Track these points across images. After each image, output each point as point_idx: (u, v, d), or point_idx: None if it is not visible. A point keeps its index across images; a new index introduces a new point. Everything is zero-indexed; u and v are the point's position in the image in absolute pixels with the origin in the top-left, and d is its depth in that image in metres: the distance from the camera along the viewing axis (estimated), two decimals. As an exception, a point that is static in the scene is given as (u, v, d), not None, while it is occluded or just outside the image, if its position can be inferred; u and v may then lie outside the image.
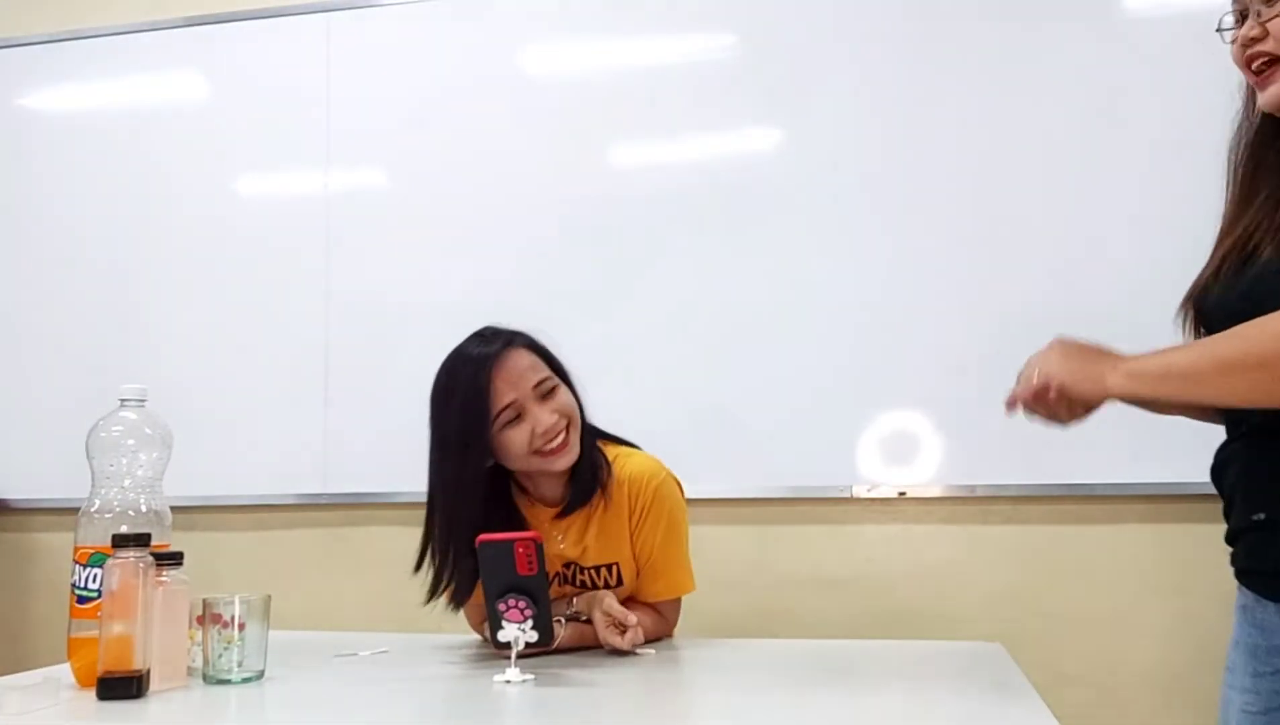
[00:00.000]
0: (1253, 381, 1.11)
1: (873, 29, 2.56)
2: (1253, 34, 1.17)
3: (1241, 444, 1.26)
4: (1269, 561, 1.20)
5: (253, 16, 2.93)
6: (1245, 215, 1.24)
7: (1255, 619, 1.24)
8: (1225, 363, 1.13)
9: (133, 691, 1.19)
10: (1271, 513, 1.19)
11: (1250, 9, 1.19)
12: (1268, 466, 1.20)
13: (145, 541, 1.24)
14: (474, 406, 1.59)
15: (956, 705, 1.19)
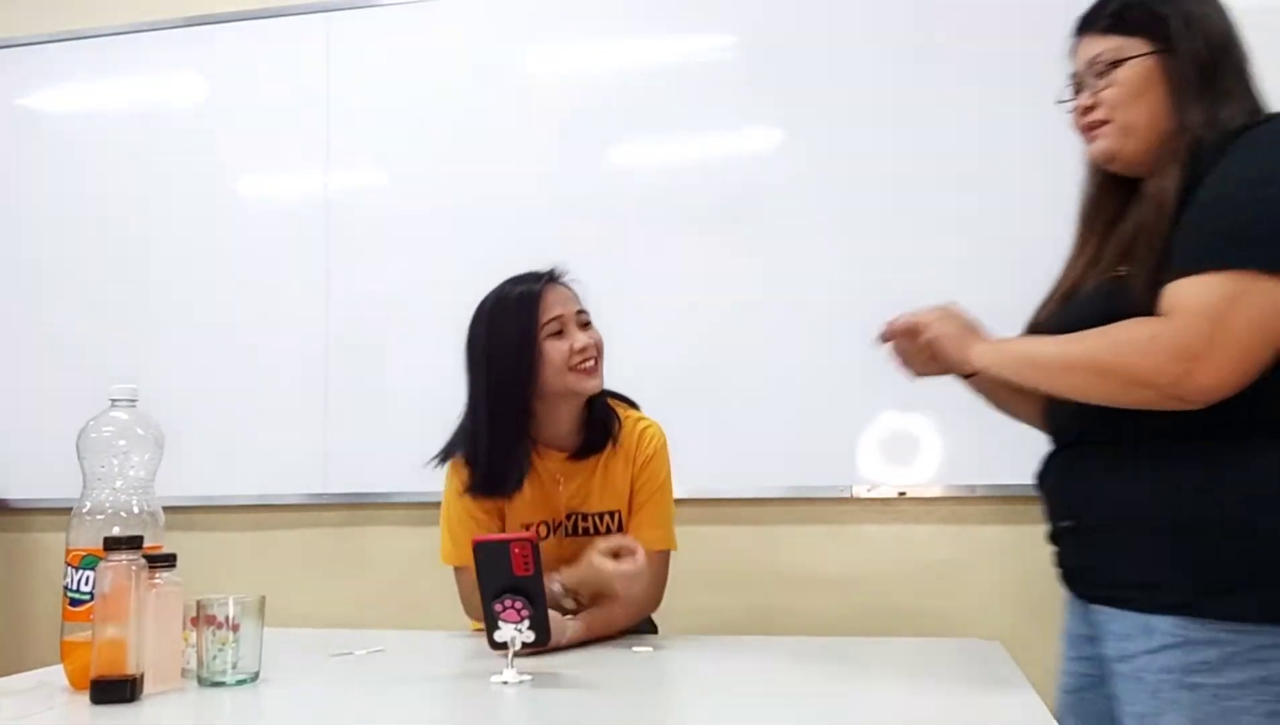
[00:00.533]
0: (1086, 380, 1.27)
1: (872, 29, 2.55)
2: (1087, 103, 1.40)
3: (1059, 455, 1.42)
4: (1074, 562, 1.39)
5: (253, 16, 2.93)
6: (1079, 256, 1.46)
7: (1073, 610, 1.44)
8: (1068, 361, 1.28)
9: (126, 695, 1.19)
10: (1077, 519, 1.35)
11: (1085, 83, 1.42)
12: (1076, 477, 1.36)
13: (137, 544, 1.23)
14: (526, 314, 1.75)
15: (956, 704, 1.19)
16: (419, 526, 2.67)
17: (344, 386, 2.76)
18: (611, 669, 1.44)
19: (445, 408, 2.58)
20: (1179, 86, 1.32)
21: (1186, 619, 1.21)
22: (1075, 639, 1.42)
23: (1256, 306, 1.17)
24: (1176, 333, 1.19)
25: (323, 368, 2.77)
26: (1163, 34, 1.34)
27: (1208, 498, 1.23)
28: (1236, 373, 1.18)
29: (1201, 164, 1.25)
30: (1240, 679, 1.18)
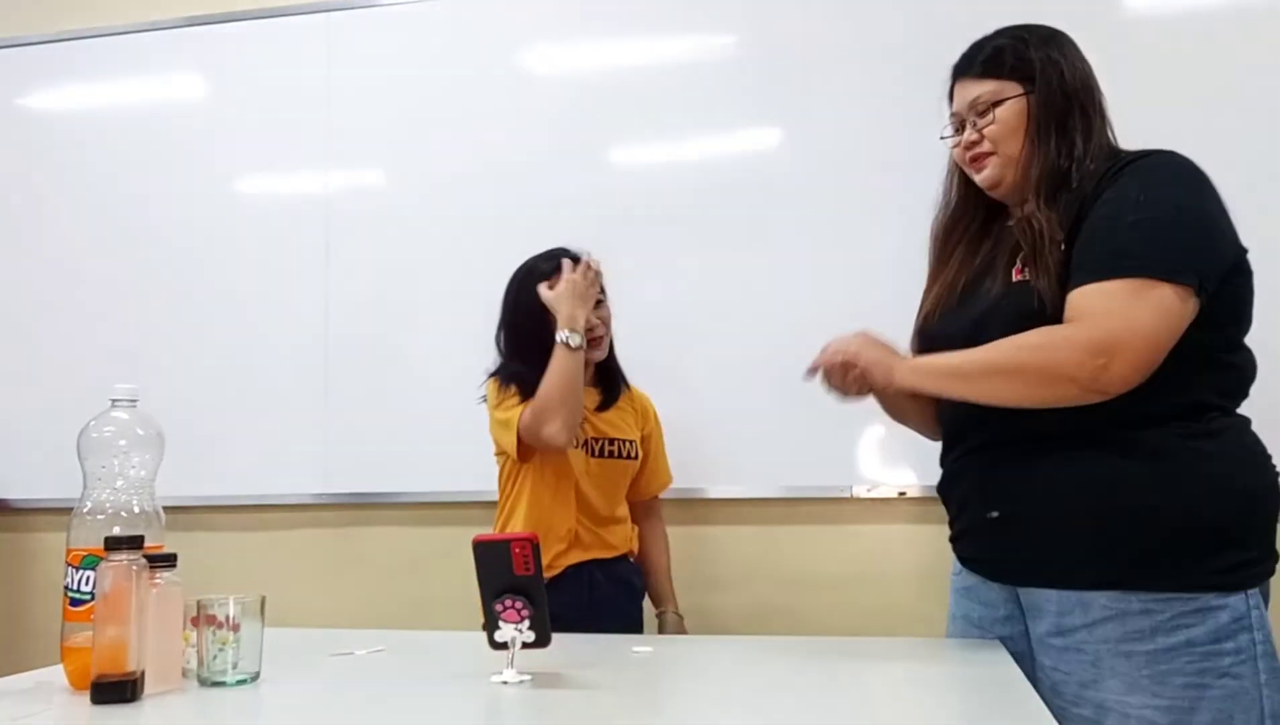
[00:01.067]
0: (1010, 384, 1.40)
1: (872, 29, 2.55)
2: (972, 139, 1.58)
3: (970, 457, 1.57)
4: (996, 550, 1.54)
5: (253, 16, 2.93)
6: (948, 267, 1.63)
7: (980, 597, 1.61)
8: (991, 367, 1.42)
9: (127, 695, 1.19)
10: (1003, 510, 1.49)
11: (967, 120, 1.60)
12: (999, 473, 1.50)
13: (138, 544, 1.23)
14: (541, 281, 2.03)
15: (956, 704, 1.19)
16: (419, 526, 2.68)
17: (344, 386, 2.76)
18: (611, 669, 1.44)
19: (446, 407, 2.59)
20: (1040, 122, 1.52)
21: (1119, 593, 1.37)
22: (987, 620, 1.59)
23: (1158, 307, 1.34)
24: (1091, 331, 1.34)
25: (323, 368, 2.77)
26: (1030, 77, 1.54)
27: (1128, 482, 1.39)
28: (1146, 363, 1.34)
29: (1078, 190, 1.45)
30: (1170, 644, 1.34)
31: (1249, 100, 2.35)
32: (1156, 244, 1.36)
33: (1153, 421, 1.39)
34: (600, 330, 2.08)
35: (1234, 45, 2.36)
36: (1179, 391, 1.39)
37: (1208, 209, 1.43)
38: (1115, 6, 2.45)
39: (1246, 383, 1.47)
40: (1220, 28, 2.38)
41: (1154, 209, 1.38)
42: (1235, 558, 1.36)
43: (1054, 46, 1.58)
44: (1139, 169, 1.44)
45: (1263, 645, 1.35)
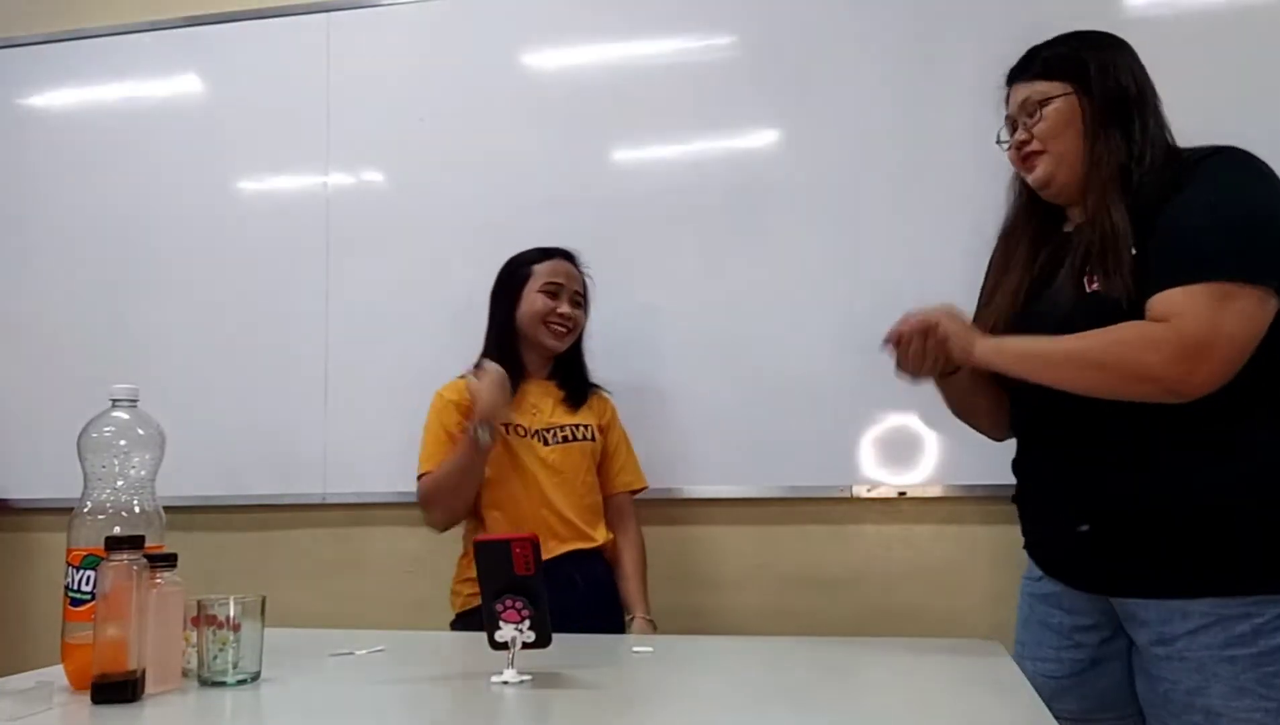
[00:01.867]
0: (1089, 374, 1.41)
1: (873, 29, 2.55)
2: (1022, 138, 1.59)
3: (1050, 462, 1.57)
4: (1088, 561, 1.50)
5: (253, 16, 2.93)
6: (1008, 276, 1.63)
7: (1065, 604, 1.57)
8: (1073, 355, 1.42)
9: (127, 695, 1.19)
10: (1093, 523, 1.47)
11: (1018, 121, 1.60)
12: (1082, 482, 1.49)
13: (139, 543, 1.23)
14: (526, 264, 2.20)
15: (956, 704, 1.19)
16: (419, 527, 2.68)
17: (344, 386, 2.76)
18: (611, 669, 1.44)
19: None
20: (1095, 120, 1.52)
21: (1219, 599, 1.36)
22: (1067, 629, 1.57)
23: (1242, 312, 1.34)
24: (1179, 335, 1.34)
25: (323, 368, 2.77)
26: (1082, 77, 1.55)
27: (1217, 486, 1.38)
28: (1229, 370, 1.35)
29: (1141, 193, 1.45)
30: (1273, 645, 1.34)
31: (1249, 100, 2.35)
32: (1236, 247, 1.36)
33: (1243, 421, 1.39)
34: (569, 322, 2.17)
35: (1234, 45, 2.36)
36: (1262, 388, 1.39)
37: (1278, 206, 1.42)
38: (1115, 6, 2.45)
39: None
40: (1220, 28, 2.38)
41: (1229, 210, 1.39)
42: None
43: (1109, 50, 1.59)
44: (1208, 169, 1.43)
45: None
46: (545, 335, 2.16)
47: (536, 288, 2.16)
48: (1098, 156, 1.51)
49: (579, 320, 2.21)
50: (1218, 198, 1.40)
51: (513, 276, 2.21)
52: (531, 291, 2.17)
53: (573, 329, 2.19)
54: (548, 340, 2.17)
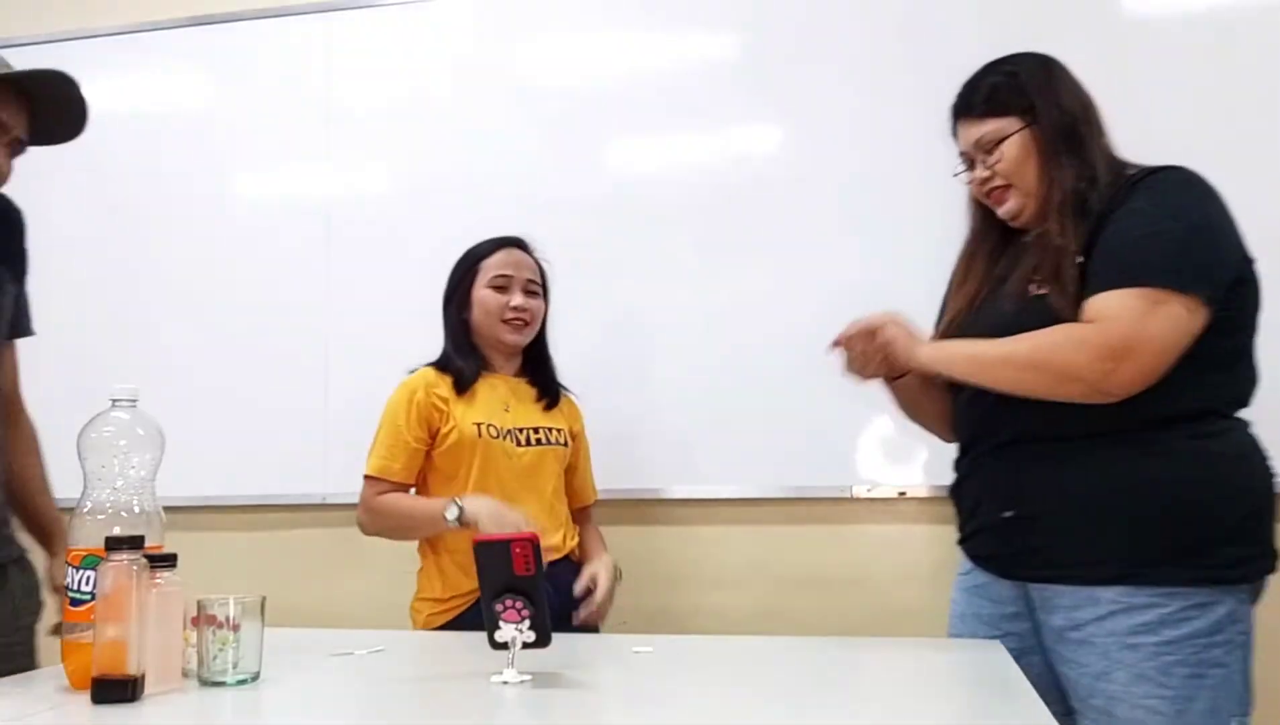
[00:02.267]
0: (1023, 375, 1.48)
1: (873, 29, 2.55)
2: (983, 175, 1.65)
3: (984, 459, 1.63)
4: (1011, 549, 1.58)
5: (253, 16, 2.93)
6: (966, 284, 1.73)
7: (990, 594, 1.65)
8: (1008, 357, 1.49)
9: (127, 695, 1.19)
10: (1018, 510, 1.55)
11: (975, 159, 1.67)
12: (1010, 475, 1.57)
13: (139, 544, 1.23)
14: (472, 262, 2.13)
15: (956, 704, 1.19)
16: (419, 526, 2.68)
17: (344, 386, 2.76)
18: (611, 669, 1.44)
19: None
20: (1049, 151, 1.58)
21: (1127, 588, 1.44)
22: (996, 619, 1.65)
23: (1169, 317, 1.42)
24: (1106, 335, 1.42)
25: (323, 367, 2.77)
26: (1029, 109, 1.60)
27: (1138, 484, 1.46)
28: (1152, 371, 1.42)
29: (1091, 209, 1.52)
30: (1173, 636, 1.41)
31: (1249, 101, 2.35)
32: (1169, 257, 1.43)
33: (1162, 424, 1.46)
34: (524, 315, 2.09)
35: (1234, 46, 2.36)
36: (1188, 395, 1.45)
37: (1217, 222, 1.50)
38: (1115, 6, 2.45)
39: (1251, 388, 1.55)
40: (1220, 28, 2.38)
41: (1167, 223, 1.46)
42: (1236, 554, 1.45)
43: (1046, 75, 1.63)
44: (1151, 185, 1.51)
45: (1244, 636, 1.45)
46: (503, 332, 2.09)
47: (485, 284, 2.10)
48: (1053, 183, 1.58)
49: (536, 310, 2.13)
50: (1157, 210, 1.48)
51: (461, 276, 2.14)
52: (481, 288, 2.10)
53: (530, 321, 2.12)
54: (507, 336, 2.10)
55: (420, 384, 2.06)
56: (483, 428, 2.03)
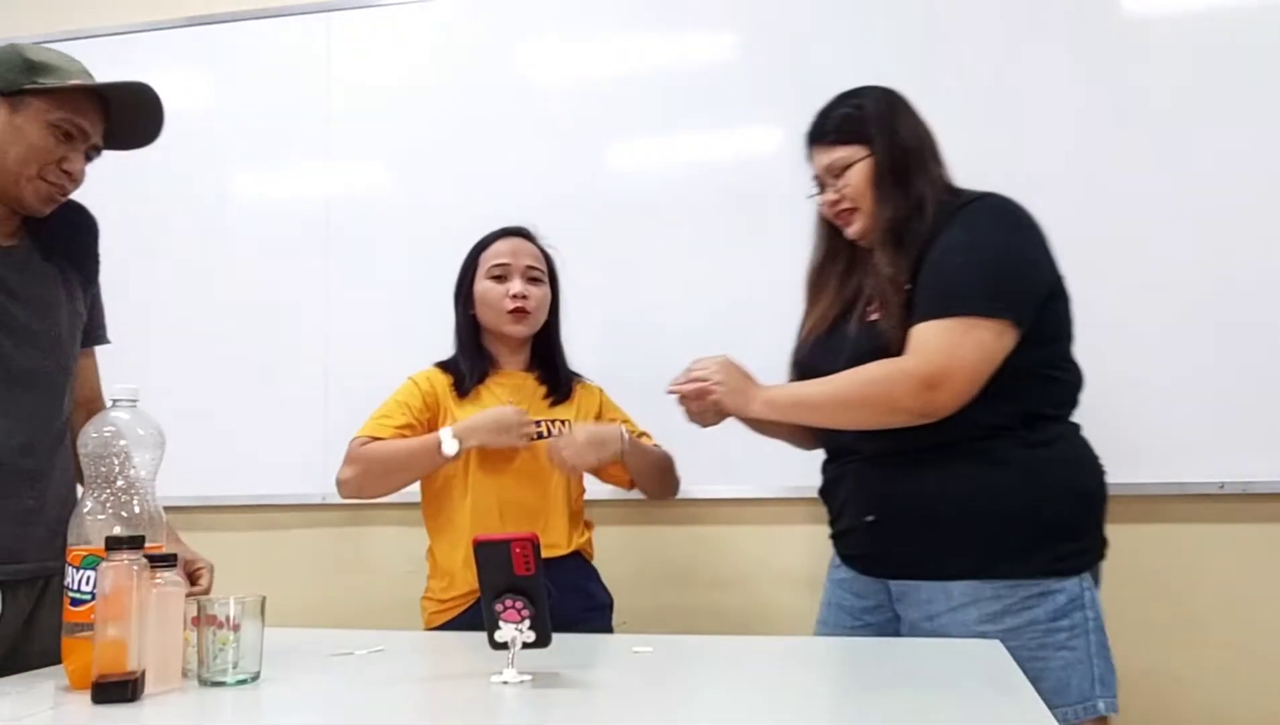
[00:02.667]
0: (854, 413, 1.66)
1: (873, 28, 2.55)
2: (833, 199, 1.78)
3: (848, 467, 1.78)
4: (873, 549, 1.75)
5: (253, 16, 2.93)
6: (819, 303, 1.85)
7: (853, 589, 1.81)
8: (836, 400, 1.66)
9: (127, 695, 1.19)
10: (878, 515, 1.71)
11: (825, 182, 1.80)
12: (871, 483, 1.73)
13: (139, 543, 1.23)
14: (472, 255, 2.13)
15: (956, 704, 1.19)
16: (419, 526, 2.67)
17: (344, 386, 2.76)
18: (611, 669, 1.44)
19: (445, 408, 2.58)
20: (882, 179, 1.72)
21: (977, 582, 1.60)
22: (858, 610, 1.80)
23: (978, 343, 1.58)
24: (922, 365, 1.58)
25: (323, 368, 2.77)
26: (870, 140, 1.75)
27: (980, 488, 1.62)
28: (966, 392, 1.58)
29: (917, 235, 1.66)
30: (1015, 623, 1.58)
31: (1249, 101, 2.35)
32: (977, 286, 1.59)
33: (998, 433, 1.63)
34: (523, 302, 2.05)
35: (1235, 46, 2.36)
36: (1017, 405, 1.63)
37: (1024, 248, 1.66)
38: (1115, 6, 2.45)
39: (1075, 392, 1.72)
40: (1221, 28, 2.38)
41: (977, 253, 1.62)
42: (1070, 548, 1.62)
43: (887, 108, 1.78)
44: (965, 215, 1.66)
45: (1094, 621, 1.61)
46: (505, 322, 2.06)
47: (484, 275, 2.08)
48: (884, 210, 1.71)
49: (538, 297, 2.08)
50: (970, 241, 1.63)
51: (464, 272, 2.13)
52: (481, 281, 2.09)
53: (532, 308, 2.07)
54: (509, 327, 2.06)
55: (424, 377, 2.09)
56: None
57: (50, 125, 1.54)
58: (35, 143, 1.53)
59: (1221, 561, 2.32)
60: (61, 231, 1.69)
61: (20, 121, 1.52)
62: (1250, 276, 2.31)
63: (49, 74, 1.54)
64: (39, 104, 1.53)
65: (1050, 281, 1.68)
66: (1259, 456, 2.28)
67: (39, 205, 1.59)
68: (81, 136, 1.58)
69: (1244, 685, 2.29)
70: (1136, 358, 2.34)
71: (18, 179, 1.54)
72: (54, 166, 1.56)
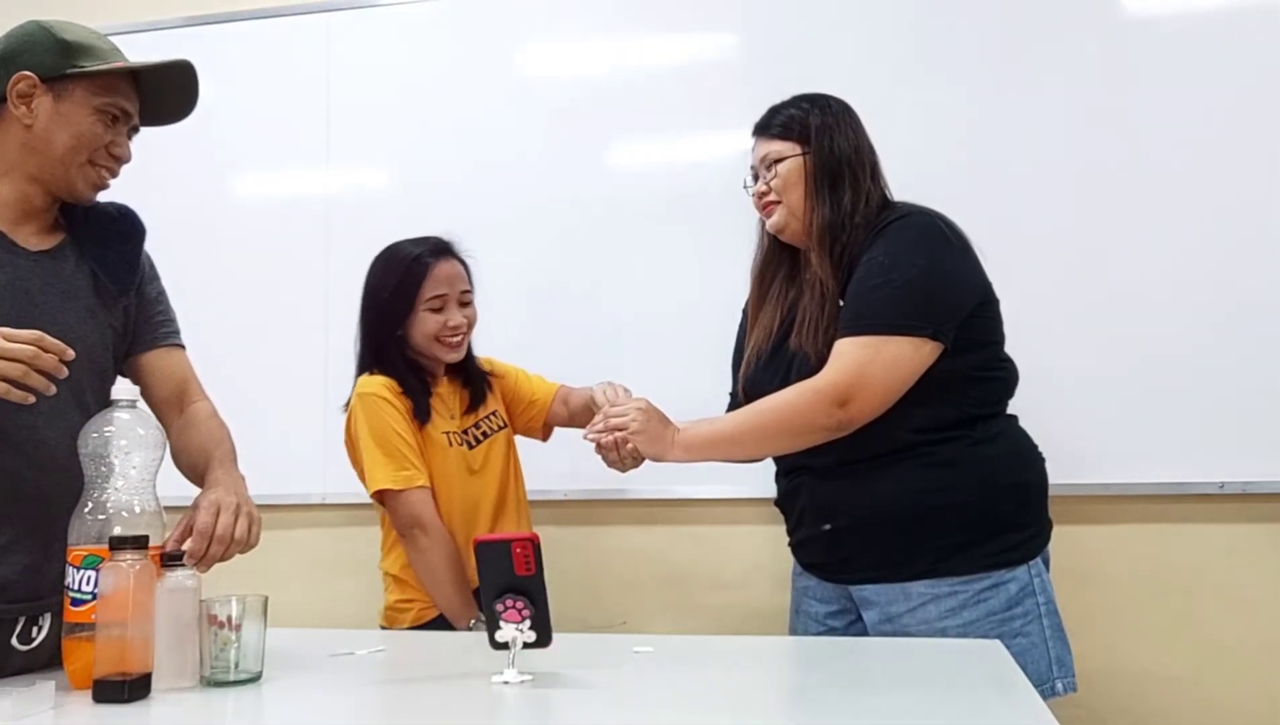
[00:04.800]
0: (777, 441, 1.75)
1: (873, 28, 2.55)
2: (761, 189, 1.85)
3: (804, 477, 1.80)
4: (831, 557, 1.79)
5: (253, 16, 2.93)
6: (763, 313, 1.89)
7: (816, 595, 1.86)
8: (756, 432, 1.74)
9: (127, 695, 1.19)
10: (835, 523, 1.75)
11: (759, 173, 1.85)
12: (826, 492, 1.77)
13: (143, 544, 1.23)
14: (410, 285, 2.04)
15: (956, 704, 1.19)
16: (419, 526, 2.68)
17: (344, 387, 2.75)
18: (612, 669, 1.44)
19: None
20: (815, 180, 1.78)
21: (933, 580, 1.66)
22: (821, 616, 1.85)
23: (892, 359, 1.64)
24: (831, 383, 1.65)
25: (323, 368, 2.77)
26: (806, 140, 1.81)
27: (929, 490, 1.68)
28: (878, 406, 1.65)
29: (849, 247, 1.73)
30: (973, 617, 1.64)
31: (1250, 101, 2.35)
32: (892, 305, 1.65)
33: (944, 436, 1.69)
34: (462, 330, 2.07)
35: (1235, 45, 2.36)
36: (959, 408, 1.70)
37: (944, 264, 1.70)
38: (1115, 6, 2.45)
39: (1010, 388, 1.79)
40: (1221, 27, 2.38)
41: (895, 272, 1.67)
42: (1016, 538, 1.69)
43: (832, 116, 1.83)
44: (887, 234, 1.72)
45: (1045, 606, 1.68)
46: (440, 351, 2.07)
47: (422, 308, 2.05)
48: (813, 212, 1.77)
49: (472, 318, 2.11)
50: (887, 260, 1.68)
51: (397, 296, 2.05)
52: (419, 312, 2.05)
53: (466, 331, 2.10)
54: (445, 355, 2.08)
55: (389, 394, 2.04)
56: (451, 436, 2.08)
57: (97, 110, 1.50)
58: (84, 130, 1.50)
59: (1221, 561, 2.32)
60: (104, 238, 1.65)
61: (66, 108, 1.48)
62: (1250, 276, 2.31)
63: (88, 56, 1.50)
64: (82, 89, 1.49)
65: (977, 292, 1.74)
66: (1259, 456, 2.28)
67: (89, 192, 1.56)
68: (125, 118, 1.56)
69: (1244, 685, 2.29)
70: (1136, 358, 2.34)
71: (68, 167, 1.51)
72: (103, 151, 1.53)
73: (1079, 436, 2.30)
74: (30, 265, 1.51)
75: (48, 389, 1.29)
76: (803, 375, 1.71)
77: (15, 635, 1.42)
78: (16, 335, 1.27)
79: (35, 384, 1.27)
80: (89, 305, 1.57)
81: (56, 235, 1.58)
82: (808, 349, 1.73)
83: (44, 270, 1.52)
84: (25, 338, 1.27)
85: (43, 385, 1.28)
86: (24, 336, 1.27)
